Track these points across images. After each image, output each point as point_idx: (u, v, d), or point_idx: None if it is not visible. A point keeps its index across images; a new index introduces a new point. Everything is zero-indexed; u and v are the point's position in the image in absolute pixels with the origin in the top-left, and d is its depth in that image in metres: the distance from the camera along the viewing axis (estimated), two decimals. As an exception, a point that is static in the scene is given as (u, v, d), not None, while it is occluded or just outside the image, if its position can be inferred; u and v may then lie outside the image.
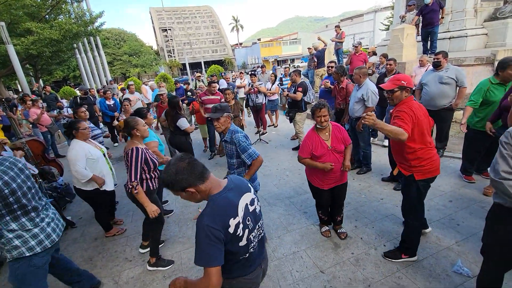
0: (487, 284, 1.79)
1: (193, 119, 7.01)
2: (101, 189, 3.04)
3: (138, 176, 2.46)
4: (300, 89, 4.96)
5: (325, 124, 2.54)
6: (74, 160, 2.82)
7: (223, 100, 5.00)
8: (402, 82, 2.20)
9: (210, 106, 4.49)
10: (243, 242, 1.30)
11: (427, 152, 2.22)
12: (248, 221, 1.33)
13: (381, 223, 3.06)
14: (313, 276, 2.45)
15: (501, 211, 1.57)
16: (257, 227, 1.41)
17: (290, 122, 5.52)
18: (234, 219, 1.25)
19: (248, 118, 8.22)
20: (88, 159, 2.91)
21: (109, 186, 3.15)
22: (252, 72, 7.08)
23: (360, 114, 3.95)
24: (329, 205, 2.88)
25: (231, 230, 1.23)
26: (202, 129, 5.92)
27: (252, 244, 1.37)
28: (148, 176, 2.63)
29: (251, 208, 1.37)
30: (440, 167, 2.33)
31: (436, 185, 3.71)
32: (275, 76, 7.31)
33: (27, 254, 1.82)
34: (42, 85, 15.08)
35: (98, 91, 7.69)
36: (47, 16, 12.92)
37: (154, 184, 2.71)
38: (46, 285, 2.03)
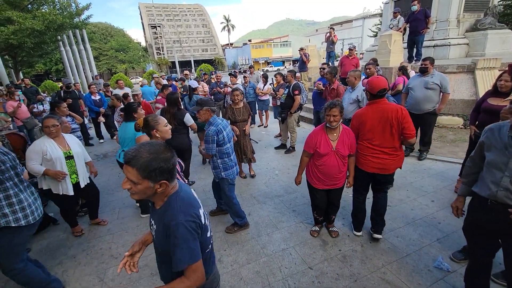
0: (469, 270, 1.95)
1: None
2: (60, 192, 2.89)
3: None
4: (296, 91, 5.01)
5: (334, 124, 2.45)
6: (27, 157, 2.71)
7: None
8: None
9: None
10: (209, 233, 1.30)
11: None
12: (206, 213, 1.33)
13: (368, 221, 3.14)
14: (301, 272, 2.48)
15: (474, 199, 1.83)
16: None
17: (282, 123, 5.57)
18: (200, 209, 1.24)
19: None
20: (43, 158, 2.75)
21: (69, 191, 2.93)
22: (232, 73, 7.33)
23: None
24: (324, 205, 2.86)
25: (202, 220, 1.21)
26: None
27: (211, 234, 1.37)
28: None
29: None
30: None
31: (419, 185, 3.87)
32: (266, 78, 7.41)
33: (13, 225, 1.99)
34: (21, 77, 14.42)
35: (89, 86, 7.44)
36: (29, 5, 12.38)
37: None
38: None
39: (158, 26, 59.70)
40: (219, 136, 2.80)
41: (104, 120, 6.91)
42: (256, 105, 7.63)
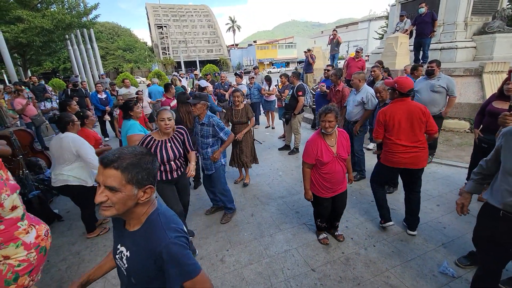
0: (477, 278, 1.90)
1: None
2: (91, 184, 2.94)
3: None
4: (300, 93, 5.00)
5: (329, 131, 2.38)
6: (89, 153, 2.76)
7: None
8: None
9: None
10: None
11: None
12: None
13: (371, 224, 3.12)
14: (304, 274, 2.47)
15: (485, 207, 1.74)
16: None
17: (286, 124, 5.56)
18: (182, 225, 1.12)
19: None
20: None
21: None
22: (237, 73, 7.33)
23: (359, 118, 4.03)
24: (329, 214, 2.75)
25: (186, 235, 1.12)
26: None
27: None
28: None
29: None
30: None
31: (424, 189, 3.80)
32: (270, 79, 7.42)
33: None
34: (29, 75, 14.63)
35: (96, 85, 7.53)
36: (39, 4, 12.57)
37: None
38: None
39: (164, 26, 60.21)
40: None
41: (109, 119, 6.97)
42: (262, 106, 7.63)
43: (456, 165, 4.44)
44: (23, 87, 7.17)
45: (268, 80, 7.25)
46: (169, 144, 2.57)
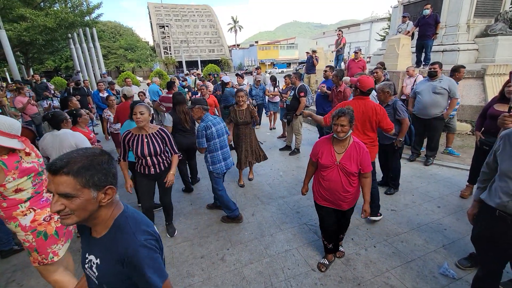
0: (477, 279, 1.91)
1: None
2: None
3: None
4: (302, 93, 5.01)
5: (341, 135, 2.13)
6: (87, 143, 2.78)
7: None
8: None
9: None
10: (162, 255, 1.15)
11: None
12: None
13: (372, 225, 3.12)
14: (304, 273, 2.47)
15: (483, 207, 1.77)
16: None
17: (288, 125, 5.58)
18: (153, 226, 1.09)
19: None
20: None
21: None
22: (239, 73, 7.37)
23: None
24: (333, 228, 2.45)
25: (159, 237, 1.09)
26: None
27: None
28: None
29: None
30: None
31: (425, 191, 3.83)
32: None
33: None
34: (32, 73, 14.69)
35: (98, 84, 7.54)
36: (42, 3, 12.61)
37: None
38: None
39: (166, 26, 60.29)
40: (207, 131, 3.04)
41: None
42: (266, 107, 7.59)
43: (457, 167, 4.44)
44: (24, 85, 7.19)
45: (273, 80, 7.20)
46: (146, 140, 2.65)
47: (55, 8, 12.32)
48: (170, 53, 58.67)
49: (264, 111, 7.78)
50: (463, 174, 4.13)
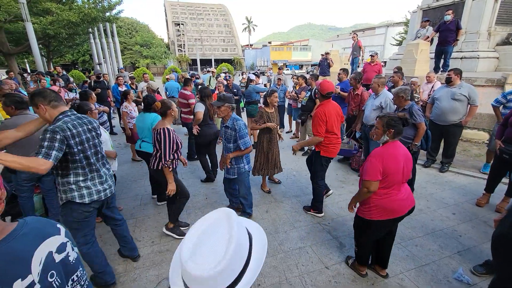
0: (493, 285, 1.90)
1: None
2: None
3: (171, 155, 2.63)
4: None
5: (373, 138, 2.26)
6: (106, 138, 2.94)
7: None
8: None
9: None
10: None
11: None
12: (52, 277, 0.88)
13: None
14: (318, 270, 2.53)
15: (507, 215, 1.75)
16: (70, 282, 0.96)
17: (302, 125, 5.63)
18: (22, 280, 0.79)
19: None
20: None
21: (115, 169, 3.26)
22: (256, 73, 7.34)
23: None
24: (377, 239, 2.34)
25: None
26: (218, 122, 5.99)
27: None
28: (172, 157, 2.70)
29: (58, 258, 0.92)
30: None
31: (440, 197, 3.81)
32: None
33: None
34: (52, 66, 15.22)
35: (117, 78, 7.77)
36: (66, -2, 13.05)
37: (176, 164, 2.85)
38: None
39: (181, 24, 61.02)
40: (246, 130, 3.00)
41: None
42: (286, 109, 7.37)
43: (473, 176, 4.40)
44: (56, 77, 7.45)
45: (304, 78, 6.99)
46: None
47: (78, 3, 12.73)
48: (184, 51, 59.34)
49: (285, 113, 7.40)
50: (479, 182, 4.09)
